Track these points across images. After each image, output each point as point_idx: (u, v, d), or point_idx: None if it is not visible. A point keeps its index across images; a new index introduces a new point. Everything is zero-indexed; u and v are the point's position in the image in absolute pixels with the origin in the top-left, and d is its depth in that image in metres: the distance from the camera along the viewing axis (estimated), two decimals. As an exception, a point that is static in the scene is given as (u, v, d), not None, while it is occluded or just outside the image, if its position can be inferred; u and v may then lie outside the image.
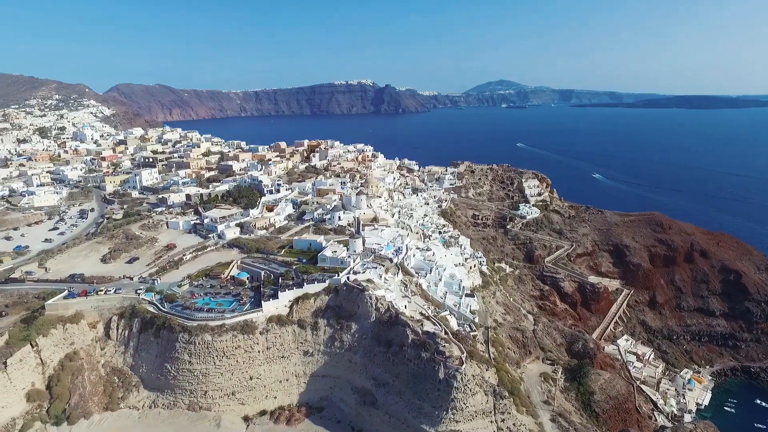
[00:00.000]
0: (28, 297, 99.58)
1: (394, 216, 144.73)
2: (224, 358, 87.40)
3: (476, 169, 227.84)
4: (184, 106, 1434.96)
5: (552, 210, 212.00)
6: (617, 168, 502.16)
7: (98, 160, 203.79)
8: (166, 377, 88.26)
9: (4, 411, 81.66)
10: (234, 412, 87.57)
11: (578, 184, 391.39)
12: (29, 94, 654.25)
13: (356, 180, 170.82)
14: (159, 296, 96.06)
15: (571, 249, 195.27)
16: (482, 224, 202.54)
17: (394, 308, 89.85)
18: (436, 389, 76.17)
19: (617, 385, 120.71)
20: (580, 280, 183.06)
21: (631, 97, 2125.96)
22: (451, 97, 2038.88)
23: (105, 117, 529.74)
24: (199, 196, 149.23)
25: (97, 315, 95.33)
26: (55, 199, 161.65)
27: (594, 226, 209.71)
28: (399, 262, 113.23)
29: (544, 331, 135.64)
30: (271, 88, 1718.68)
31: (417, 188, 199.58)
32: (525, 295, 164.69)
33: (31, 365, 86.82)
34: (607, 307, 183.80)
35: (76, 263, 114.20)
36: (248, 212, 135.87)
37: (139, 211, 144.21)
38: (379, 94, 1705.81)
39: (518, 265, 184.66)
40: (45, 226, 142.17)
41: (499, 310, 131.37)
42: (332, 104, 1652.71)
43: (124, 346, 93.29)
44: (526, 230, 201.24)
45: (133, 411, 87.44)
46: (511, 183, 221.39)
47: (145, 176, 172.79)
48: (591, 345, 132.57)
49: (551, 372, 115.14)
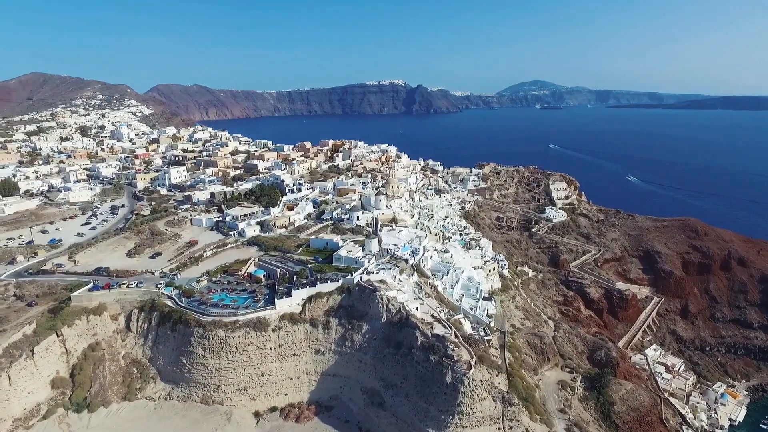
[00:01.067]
0: (56, 288, 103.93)
1: (414, 217, 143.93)
2: (237, 353, 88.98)
3: (502, 170, 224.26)
4: (220, 106, 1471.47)
5: (579, 213, 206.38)
6: (654, 171, 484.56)
7: (131, 158, 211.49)
8: (182, 370, 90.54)
9: (30, 396, 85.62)
10: (245, 407, 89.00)
11: (611, 187, 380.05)
12: (75, 95, 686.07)
13: (378, 180, 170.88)
14: (177, 291, 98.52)
15: (598, 254, 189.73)
16: (506, 227, 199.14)
17: (405, 310, 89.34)
18: (443, 393, 75.28)
19: (640, 396, 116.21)
20: (607, 286, 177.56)
21: (673, 97, 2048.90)
22: (483, 97, 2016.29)
23: (144, 116, 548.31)
24: (222, 194, 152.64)
25: (119, 307, 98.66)
26: (89, 195, 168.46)
27: (624, 230, 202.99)
28: (415, 263, 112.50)
29: (565, 337, 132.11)
30: (304, 89, 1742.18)
31: (440, 189, 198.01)
32: (547, 300, 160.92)
33: (56, 354, 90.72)
34: (635, 315, 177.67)
35: (103, 257, 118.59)
36: (269, 211, 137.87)
37: (165, 208, 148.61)
38: (411, 95, 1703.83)
39: (542, 269, 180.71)
40: (78, 220, 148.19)
41: (518, 314, 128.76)
42: (364, 104, 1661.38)
43: (143, 339, 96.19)
44: (552, 234, 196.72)
45: (150, 402, 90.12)
46: (538, 185, 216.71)
47: (174, 174, 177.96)
48: (614, 354, 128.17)
49: (570, 380, 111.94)
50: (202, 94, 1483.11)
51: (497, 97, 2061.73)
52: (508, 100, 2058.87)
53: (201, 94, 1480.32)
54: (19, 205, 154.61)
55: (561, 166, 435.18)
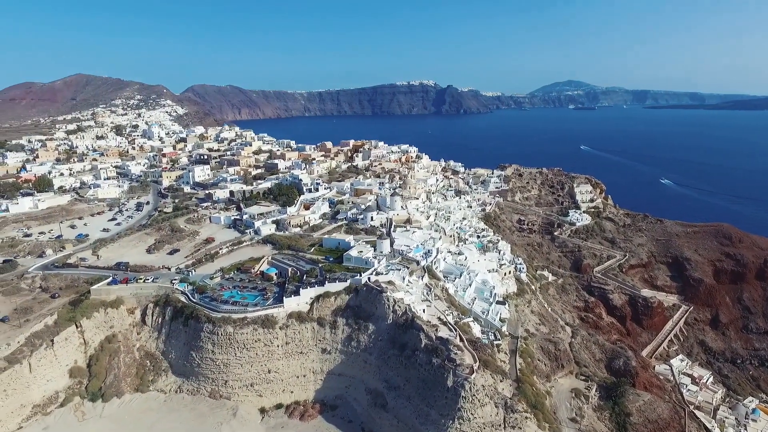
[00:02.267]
0: (79, 281, 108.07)
1: (429, 218, 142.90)
2: (244, 350, 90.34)
3: (524, 172, 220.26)
4: (252, 106, 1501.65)
5: (605, 217, 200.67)
6: (691, 174, 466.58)
7: (159, 156, 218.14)
8: (192, 365, 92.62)
9: (49, 384, 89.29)
10: (252, 403, 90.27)
11: (642, 190, 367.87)
12: (115, 95, 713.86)
13: (395, 181, 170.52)
14: (191, 287, 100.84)
15: (623, 259, 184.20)
16: (528, 230, 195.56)
17: (411, 311, 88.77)
18: (443, 397, 74.42)
19: (659, 407, 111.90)
20: (632, 292, 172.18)
21: (716, 98, 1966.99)
22: (515, 98, 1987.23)
23: (178, 116, 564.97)
24: (241, 193, 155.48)
25: (135, 302, 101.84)
26: (117, 192, 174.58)
27: (651, 236, 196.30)
28: (426, 264, 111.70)
29: (582, 344, 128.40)
30: (334, 89, 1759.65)
31: (460, 191, 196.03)
32: (567, 306, 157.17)
33: (74, 344, 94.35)
34: (660, 323, 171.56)
35: (124, 252, 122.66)
36: (286, 210, 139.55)
37: (187, 206, 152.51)
38: (441, 95, 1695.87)
39: (563, 273, 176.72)
40: (105, 216, 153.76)
41: (533, 319, 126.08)
42: (393, 105, 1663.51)
43: (157, 332, 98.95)
44: (575, 238, 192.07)
45: (161, 394, 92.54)
46: (562, 188, 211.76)
47: (198, 172, 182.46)
48: (633, 363, 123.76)
49: (584, 388, 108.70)
50: (235, 94, 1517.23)
51: (529, 98, 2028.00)
52: (541, 100, 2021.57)
53: (234, 94, 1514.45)
54: (51, 200, 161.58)
55: (591, 168, 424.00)
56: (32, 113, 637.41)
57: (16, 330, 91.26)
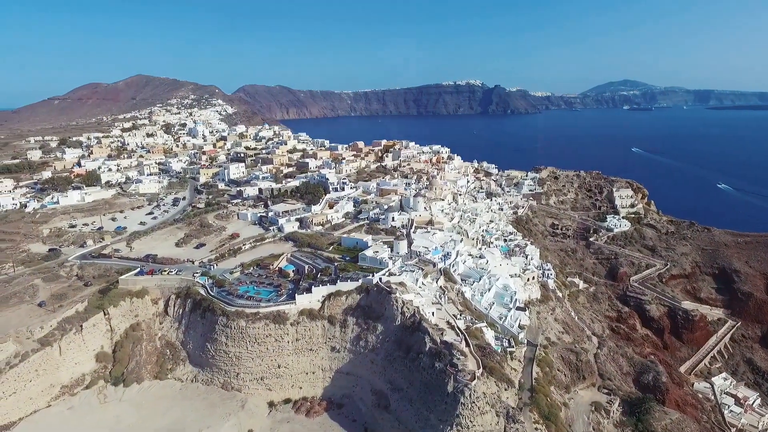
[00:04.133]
0: (110, 271, 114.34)
1: (453, 220, 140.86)
2: (256, 344, 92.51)
3: (560, 175, 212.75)
4: (300, 106, 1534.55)
5: (646, 224, 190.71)
6: (753, 179, 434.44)
7: (199, 154, 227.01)
8: (207, 356, 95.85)
9: (77, 367, 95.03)
10: (261, 396, 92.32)
11: (695, 196, 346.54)
12: (171, 95, 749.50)
13: (422, 181, 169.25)
14: (211, 281, 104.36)
15: (664, 269, 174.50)
16: (562, 234, 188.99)
17: (419, 314, 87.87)
18: (443, 402, 73.18)
19: (688, 428, 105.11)
20: (671, 304, 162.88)
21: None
22: (565, 98, 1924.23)
23: (227, 115, 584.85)
24: (269, 191, 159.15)
25: (159, 292, 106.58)
26: (157, 188, 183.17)
27: (697, 244, 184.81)
28: (444, 267, 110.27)
29: (609, 356, 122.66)
30: (380, 89, 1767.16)
31: (492, 193, 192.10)
32: (598, 315, 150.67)
33: (102, 330, 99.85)
34: (702, 338, 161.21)
35: (155, 245, 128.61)
36: (310, 208, 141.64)
37: (219, 202, 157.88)
38: (488, 95, 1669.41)
39: (597, 281, 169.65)
40: (144, 210, 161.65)
41: (555, 327, 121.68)
42: (439, 105, 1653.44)
43: (178, 323, 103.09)
44: (612, 244, 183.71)
45: (177, 382, 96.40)
46: (600, 192, 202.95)
47: (233, 170, 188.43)
48: (664, 378, 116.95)
49: (605, 402, 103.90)
50: (284, 94, 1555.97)
51: (581, 98, 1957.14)
52: (593, 101, 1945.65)
53: (283, 94, 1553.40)
54: (97, 194, 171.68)
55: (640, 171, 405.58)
56: (97, 112, 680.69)
57: (50, 315, 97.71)
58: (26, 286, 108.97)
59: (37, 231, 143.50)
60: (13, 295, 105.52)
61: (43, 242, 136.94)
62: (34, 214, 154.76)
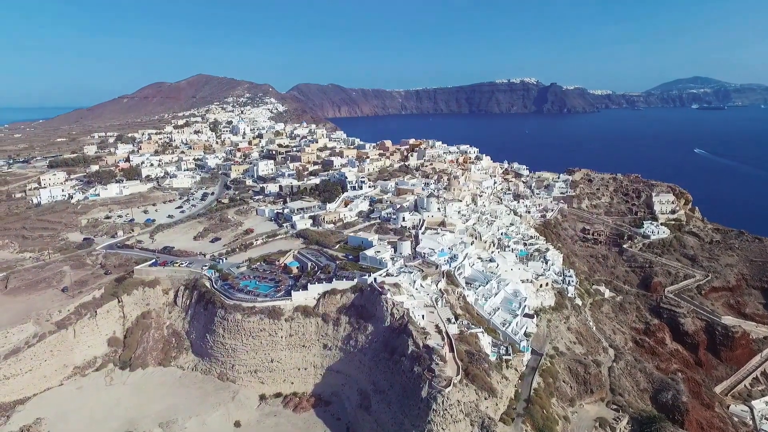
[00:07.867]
0: (130, 261, 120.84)
1: (468, 222, 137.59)
2: (250, 337, 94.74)
3: (595, 177, 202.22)
4: (351, 104, 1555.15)
5: (687, 231, 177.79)
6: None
7: (234, 151, 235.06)
8: (206, 346, 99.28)
9: (89, 350, 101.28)
10: (254, 388, 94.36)
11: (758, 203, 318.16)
12: (228, 93, 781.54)
13: (442, 181, 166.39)
14: (217, 274, 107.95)
15: (704, 280, 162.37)
16: (593, 240, 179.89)
17: (408, 316, 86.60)
18: (417, 407, 71.73)
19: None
20: (709, 318, 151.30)
21: None
22: (627, 96, 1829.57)
23: (278, 113, 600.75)
24: (290, 188, 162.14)
25: (170, 283, 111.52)
26: (189, 183, 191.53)
27: (744, 255, 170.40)
28: (446, 269, 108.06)
29: (626, 370, 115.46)
30: (432, 87, 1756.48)
31: (520, 194, 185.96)
32: (622, 326, 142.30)
33: (115, 317, 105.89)
34: (744, 357, 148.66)
35: (175, 237, 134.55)
36: (325, 206, 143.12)
37: (242, 197, 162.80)
38: (543, 93, 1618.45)
39: (628, 290, 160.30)
40: (174, 204, 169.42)
41: (567, 337, 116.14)
42: (491, 103, 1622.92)
43: (184, 313, 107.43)
44: (648, 252, 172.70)
45: (179, 370, 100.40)
46: (638, 196, 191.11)
47: (262, 167, 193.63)
48: (684, 398, 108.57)
49: (612, 418, 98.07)
50: (336, 92, 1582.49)
51: (644, 96, 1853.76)
52: (658, 99, 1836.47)
53: (335, 92, 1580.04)
54: (134, 188, 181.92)
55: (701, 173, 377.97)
56: (160, 110, 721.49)
57: (70, 300, 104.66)
58: (55, 272, 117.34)
59: (77, 221, 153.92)
60: (43, 280, 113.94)
61: (80, 232, 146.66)
62: (77, 205, 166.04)
